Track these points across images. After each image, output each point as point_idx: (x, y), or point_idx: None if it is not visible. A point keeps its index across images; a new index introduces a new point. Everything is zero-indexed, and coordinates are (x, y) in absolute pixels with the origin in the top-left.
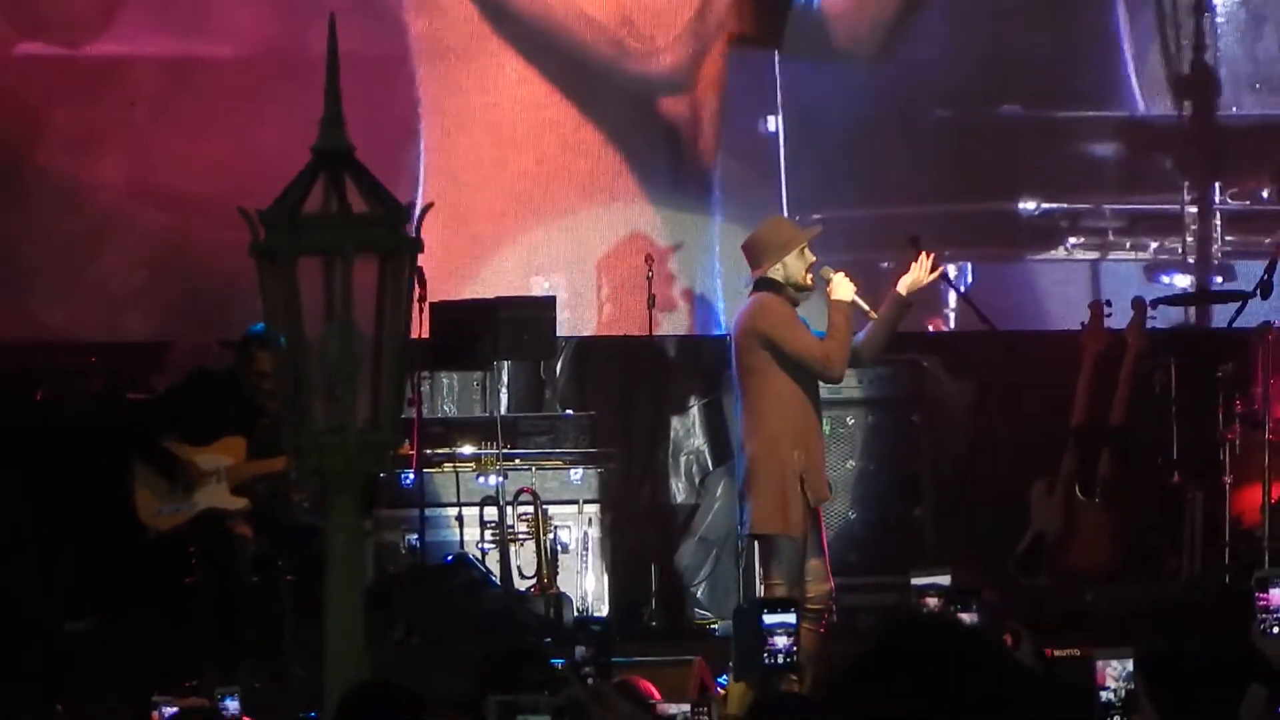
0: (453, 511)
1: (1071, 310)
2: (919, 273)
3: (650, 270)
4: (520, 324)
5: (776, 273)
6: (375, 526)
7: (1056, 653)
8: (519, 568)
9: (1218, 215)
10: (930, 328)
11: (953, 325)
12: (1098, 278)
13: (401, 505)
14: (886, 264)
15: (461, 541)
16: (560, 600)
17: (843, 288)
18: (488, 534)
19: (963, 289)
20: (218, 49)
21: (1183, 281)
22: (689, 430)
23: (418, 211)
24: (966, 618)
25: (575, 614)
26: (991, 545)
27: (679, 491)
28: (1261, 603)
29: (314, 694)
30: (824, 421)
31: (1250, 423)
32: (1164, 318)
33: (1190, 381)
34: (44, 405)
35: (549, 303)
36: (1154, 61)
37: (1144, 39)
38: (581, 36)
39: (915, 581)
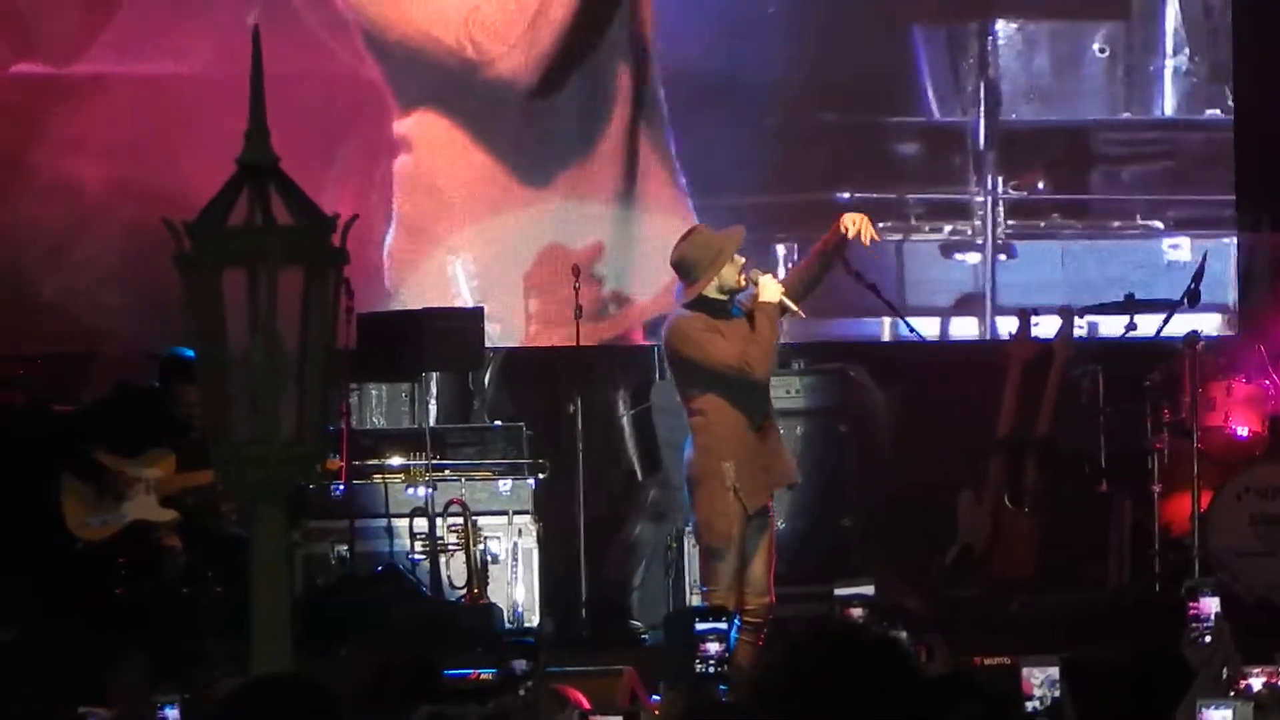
0: (382, 523)
1: (882, 278)
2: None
3: (577, 281)
4: (448, 335)
5: (712, 288)
6: (304, 538)
7: (985, 661)
8: (449, 578)
9: (1001, 204)
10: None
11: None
12: (901, 255)
13: (331, 516)
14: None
15: (391, 553)
16: (490, 610)
17: (769, 289)
18: (418, 545)
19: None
20: (182, 67)
21: (973, 259)
22: (618, 440)
23: (341, 223)
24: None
25: (507, 625)
26: (918, 554)
27: (608, 501)
28: (1192, 612)
29: None
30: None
31: (1179, 432)
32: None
33: (1118, 390)
34: None
35: (476, 314)
36: (946, 77)
37: (938, 58)
38: (433, 55)
39: (839, 592)
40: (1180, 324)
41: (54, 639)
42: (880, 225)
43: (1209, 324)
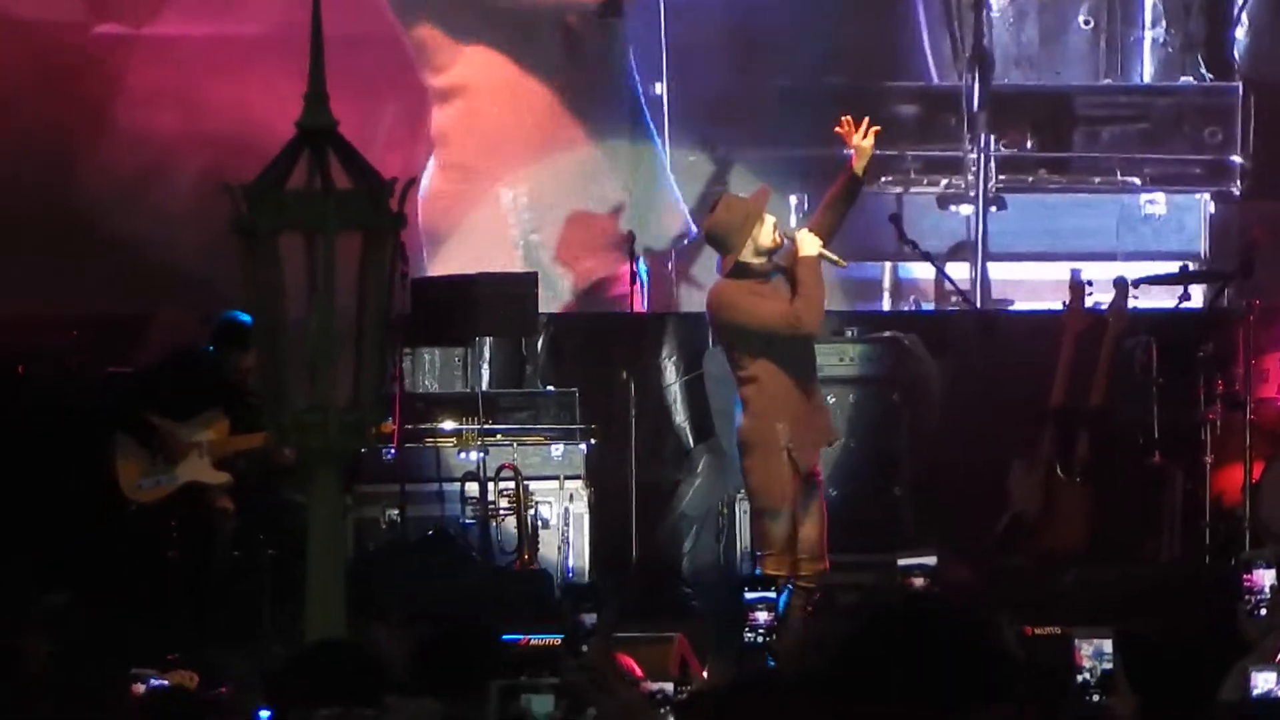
0: (434, 487)
1: (883, 226)
2: (859, 141)
3: (632, 248)
4: (502, 300)
5: (748, 252)
6: (355, 502)
7: (1036, 631)
8: (500, 543)
9: (993, 160)
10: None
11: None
12: (901, 206)
13: (382, 480)
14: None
15: (443, 517)
16: (541, 576)
17: (808, 244)
18: (469, 510)
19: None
20: (246, 28)
21: (966, 210)
22: (670, 406)
23: (400, 188)
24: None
25: (561, 580)
26: (970, 524)
27: (660, 467)
28: (1246, 584)
29: None
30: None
31: (1231, 403)
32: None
33: (1171, 361)
34: (25, 380)
35: (530, 279)
36: (944, 45)
37: (936, 28)
38: None
39: (902, 562)
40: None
41: (105, 602)
42: (882, 179)
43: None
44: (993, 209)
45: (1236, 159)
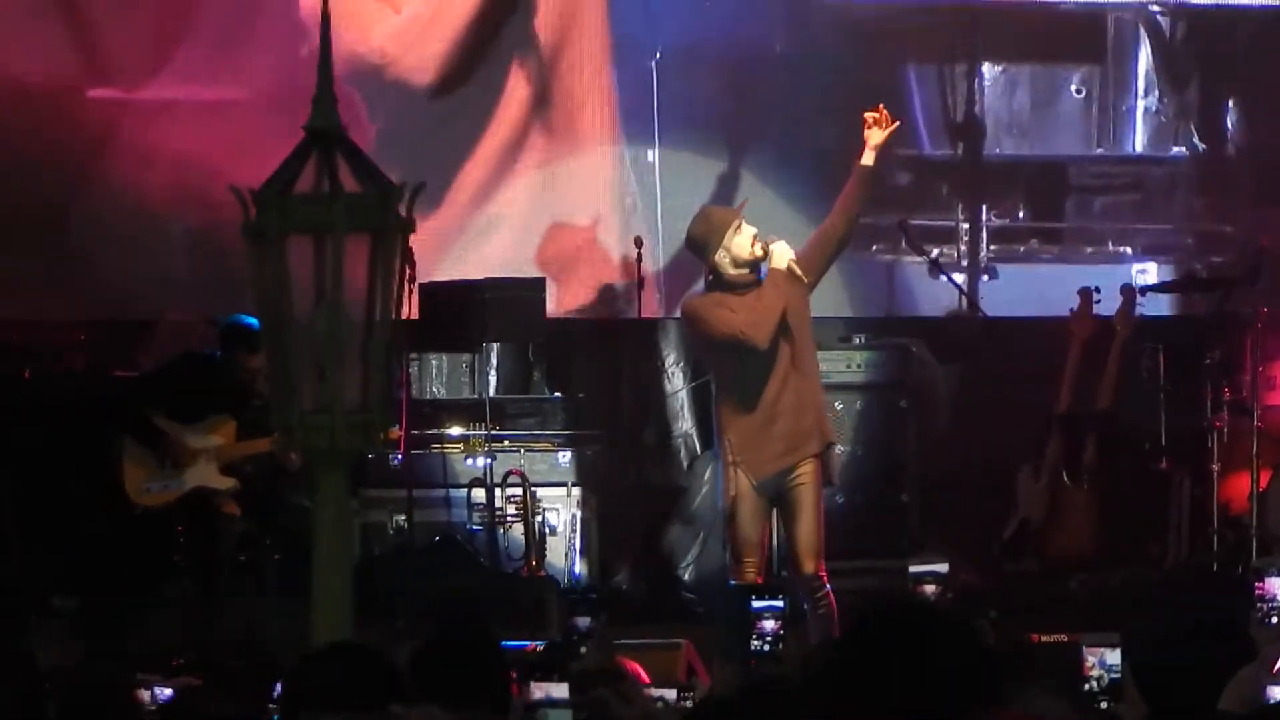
0: (440, 493)
1: (875, 294)
2: (877, 133)
3: (640, 253)
4: (510, 305)
5: (723, 259)
6: (362, 506)
7: (1043, 638)
8: (507, 549)
9: (984, 229)
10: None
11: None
12: (893, 274)
13: (389, 486)
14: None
15: (449, 523)
16: (547, 582)
17: (778, 256)
18: (476, 516)
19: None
20: (237, 93)
21: (958, 279)
22: (677, 412)
23: (409, 191)
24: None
25: (568, 585)
26: (977, 530)
27: (666, 474)
28: (1259, 592)
29: None
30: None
31: (1238, 410)
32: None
33: (1178, 368)
34: (31, 383)
35: (538, 284)
36: (936, 112)
37: (928, 96)
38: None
39: (913, 569)
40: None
41: (112, 606)
42: (874, 247)
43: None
44: (984, 278)
45: (1228, 229)
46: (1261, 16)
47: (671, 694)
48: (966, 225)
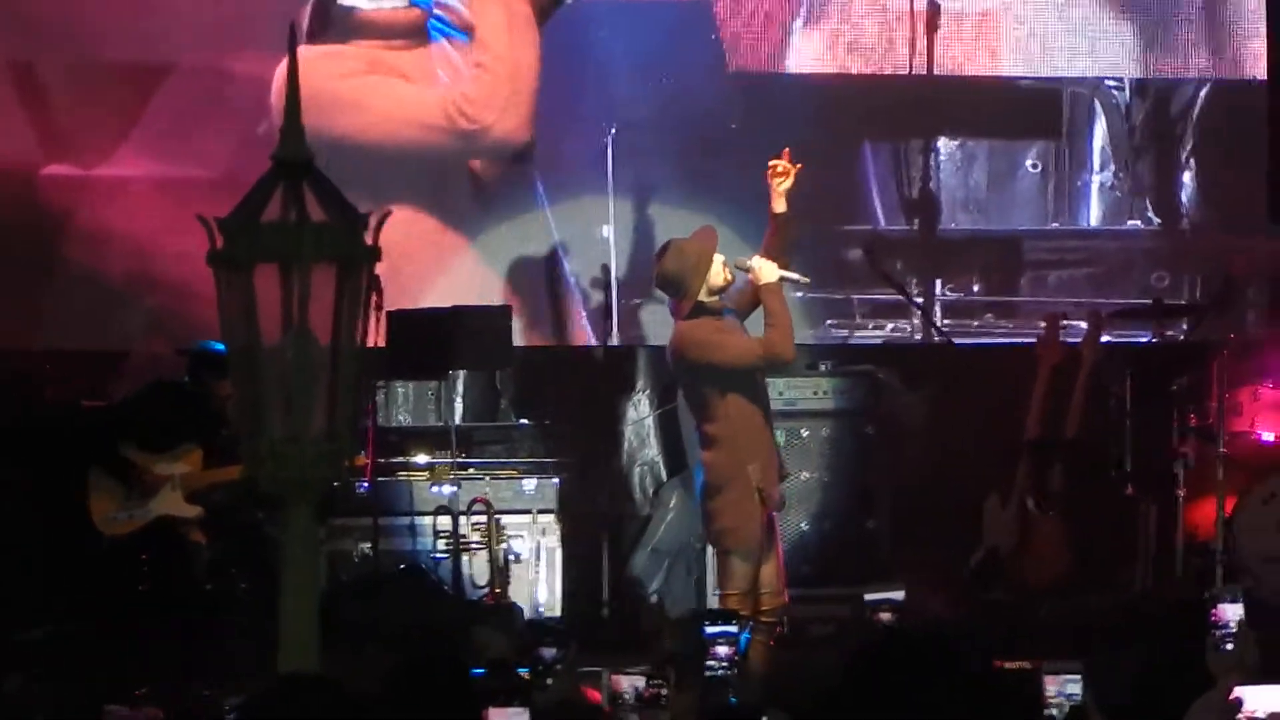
0: (406, 520)
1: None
2: (784, 181)
3: (610, 280)
4: (477, 333)
5: (703, 294)
6: (328, 534)
7: (1006, 665)
8: (471, 577)
9: (938, 304)
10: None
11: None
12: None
13: (355, 513)
14: None
15: (415, 551)
16: (512, 610)
17: (767, 271)
18: (441, 543)
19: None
20: (194, 172)
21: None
22: (643, 440)
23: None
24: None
25: (532, 616)
26: (945, 557)
27: (632, 502)
28: (1214, 619)
29: None
30: (778, 432)
31: (1205, 437)
32: None
33: (1145, 395)
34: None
35: (505, 312)
36: (891, 188)
37: (884, 172)
38: (423, 141)
39: (869, 597)
40: None
41: (79, 637)
42: (828, 322)
43: None
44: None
45: (1183, 302)
46: (1214, 92)
47: (640, 682)
48: (920, 299)
